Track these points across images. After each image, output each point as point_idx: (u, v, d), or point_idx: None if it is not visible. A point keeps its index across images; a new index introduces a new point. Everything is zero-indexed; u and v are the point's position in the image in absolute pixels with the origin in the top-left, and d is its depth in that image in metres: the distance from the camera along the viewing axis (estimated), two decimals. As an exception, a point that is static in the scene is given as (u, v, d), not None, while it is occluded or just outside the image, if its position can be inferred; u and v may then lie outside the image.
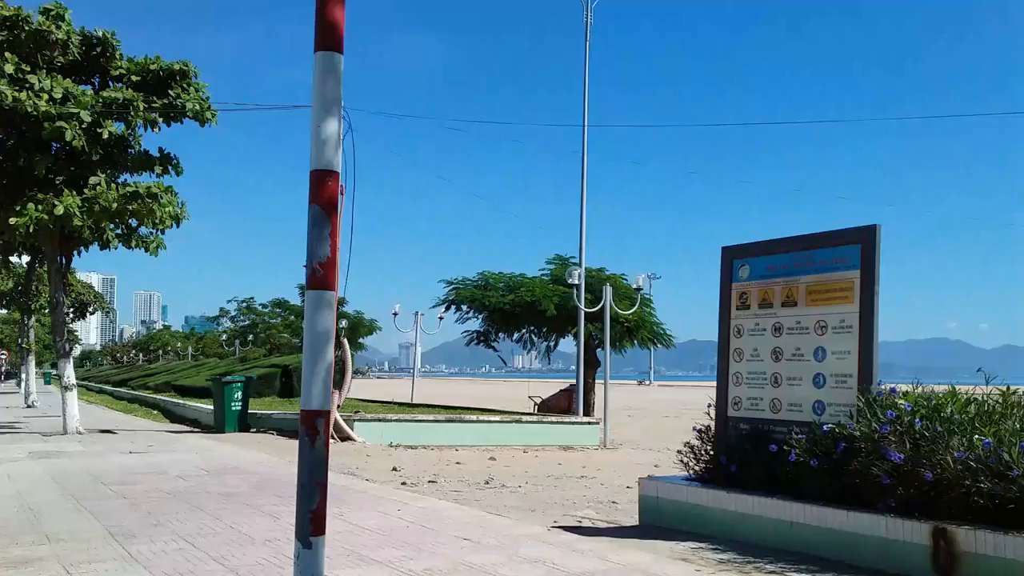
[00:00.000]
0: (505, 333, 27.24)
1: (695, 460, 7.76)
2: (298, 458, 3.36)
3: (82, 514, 7.98)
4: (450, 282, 27.03)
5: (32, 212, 15.30)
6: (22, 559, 6.08)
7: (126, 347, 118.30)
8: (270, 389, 31.85)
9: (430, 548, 6.54)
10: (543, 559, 6.13)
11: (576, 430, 19.95)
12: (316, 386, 3.29)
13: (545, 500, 10.16)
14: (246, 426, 19.59)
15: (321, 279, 3.28)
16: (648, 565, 5.98)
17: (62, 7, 16.26)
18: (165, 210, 16.51)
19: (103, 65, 17.02)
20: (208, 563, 5.99)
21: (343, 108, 3.51)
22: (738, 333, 7.67)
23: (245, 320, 68.96)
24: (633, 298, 23.00)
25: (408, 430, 18.06)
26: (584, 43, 23.70)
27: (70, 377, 17.92)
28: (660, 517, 7.62)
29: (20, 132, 15.90)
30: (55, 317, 18.23)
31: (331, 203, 3.28)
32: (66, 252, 17.99)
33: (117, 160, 16.99)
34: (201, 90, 17.33)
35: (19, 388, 40.48)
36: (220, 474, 11.12)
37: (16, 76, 15.12)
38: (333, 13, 3.26)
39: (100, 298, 46.54)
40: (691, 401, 47.93)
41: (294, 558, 3.32)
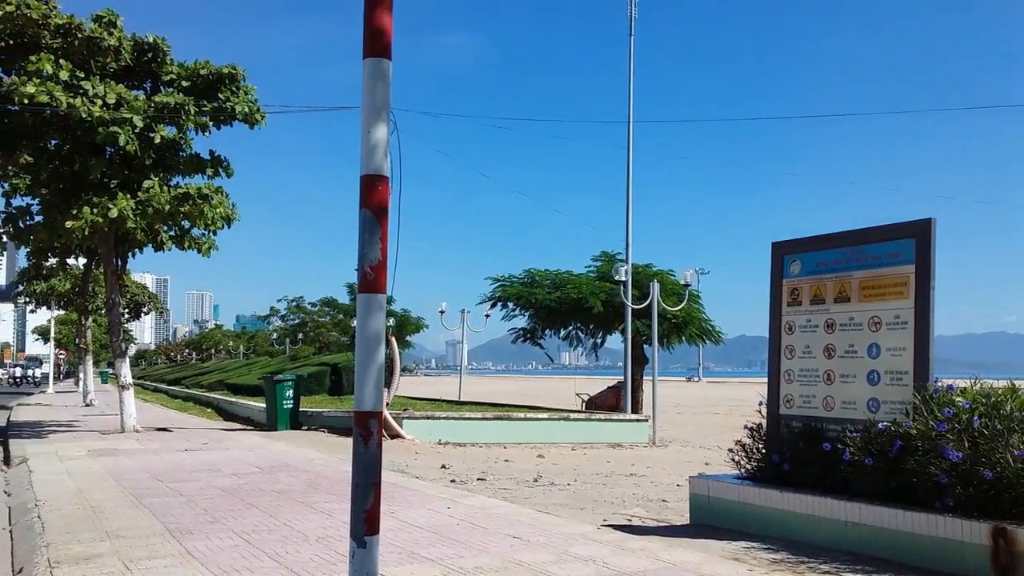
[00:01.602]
0: (551, 330, 27.25)
1: (746, 458, 7.68)
2: (352, 458, 3.40)
3: (140, 511, 8.16)
4: (496, 279, 27.13)
5: (88, 215, 15.64)
6: (83, 555, 6.24)
7: (179, 346, 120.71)
8: (320, 387, 32.27)
9: (480, 546, 6.57)
10: (593, 557, 6.12)
11: (624, 427, 19.87)
12: (368, 387, 3.33)
13: (594, 498, 10.14)
14: (297, 424, 19.86)
15: (372, 282, 3.31)
16: (699, 564, 5.93)
17: (114, 14, 16.57)
18: (216, 211, 16.75)
19: (154, 70, 17.33)
20: (263, 560, 6.09)
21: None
22: (789, 330, 7.57)
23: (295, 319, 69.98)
24: (681, 294, 22.84)
25: (456, 428, 18.16)
26: (629, 37, 23.54)
27: (127, 376, 18.30)
28: (711, 516, 7.56)
29: (75, 137, 16.26)
30: (111, 317, 18.61)
31: (381, 207, 3.31)
32: (121, 254, 18.37)
33: (169, 163, 17.29)
34: (249, 93, 17.54)
35: (77, 387, 41.47)
36: (273, 472, 11.28)
37: (71, 83, 15.44)
38: (381, 20, 3.29)
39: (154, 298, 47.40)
40: (741, 398, 47.52)
41: (349, 556, 3.36)
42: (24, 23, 15.19)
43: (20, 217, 17.52)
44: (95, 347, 37.67)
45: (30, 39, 15.44)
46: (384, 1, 3.27)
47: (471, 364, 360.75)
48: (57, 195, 16.60)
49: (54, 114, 15.30)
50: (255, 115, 17.45)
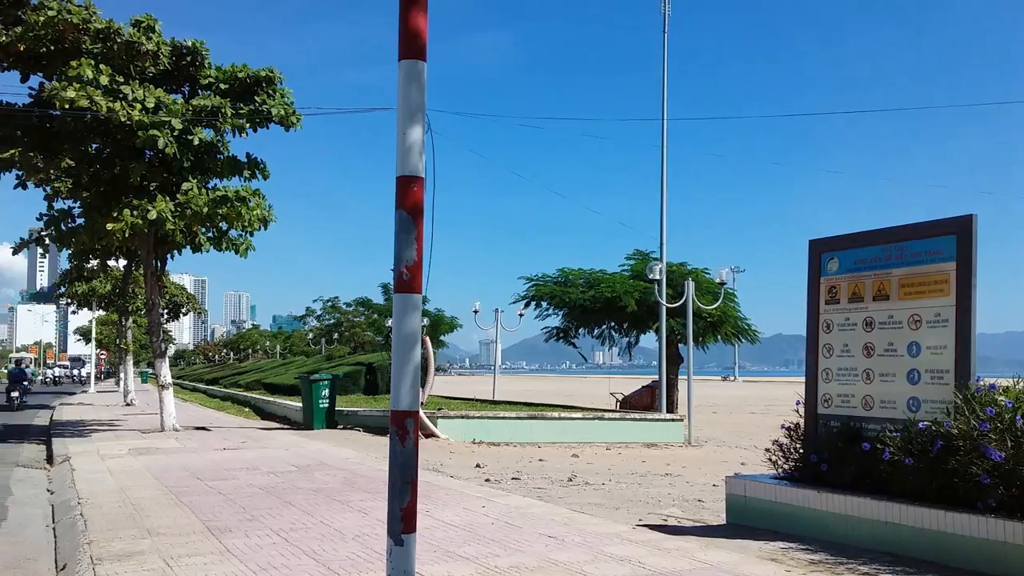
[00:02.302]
0: (585, 329, 27.17)
1: (784, 458, 7.61)
2: (389, 457, 3.42)
3: (180, 509, 8.28)
4: (530, 279, 27.10)
5: (128, 217, 15.89)
6: (125, 553, 6.35)
7: (217, 346, 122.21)
8: (355, 386, 32.48)
9: (515, 545, 6.58)
10: (629, 557, 6.10)
11: (659, 427, 19.77)
12: (405, 387, 3.35)
13: (629, 498, 10.11)
14: (333, 423, 20.01)
15: (408, 283, 3.33)
16: (736, 565, 5.89)
17: (152, 19, 16.81)
18: (253, 213, 16.94)
19: (192, 74, 17.56)
20: (301, 557, 6.15)
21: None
22: (827, 328, 7.49)
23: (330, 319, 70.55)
24: (716, 292, 22.67)
25: (490, 427, 18.19)
26: (663, 34, 23.42)
27: (166, 376, 18.57)
28: (748, 516, 7.50)
29: (115, 141, 16.53)
30: (151, 318, 18.89)
31: (417, 208, 3.33)
32: (160, 255, 18.64)
33: (207, 165, 17.50)
34: (286, 95, 17.72)
35: (118, 387, 42.15)
36: (310, 470, 11.38)
37: (110, 87, 15.69)
38: (416, 22, 3.31)
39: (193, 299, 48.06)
40: (777, 397, 47.06)
41: (386, 555, 3.39)
42: (64, 28, 15.48)
43: (62, 220, 17.83)
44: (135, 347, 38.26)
45: (71, 44, 15.72)
46: (419, 3, 3.29)
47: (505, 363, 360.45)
48: (98, 198, 16.88)
49: (94, 118, 15.56)
50: (291, 117, 17.63)
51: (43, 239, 18.46)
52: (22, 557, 6.90)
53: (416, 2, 3.30)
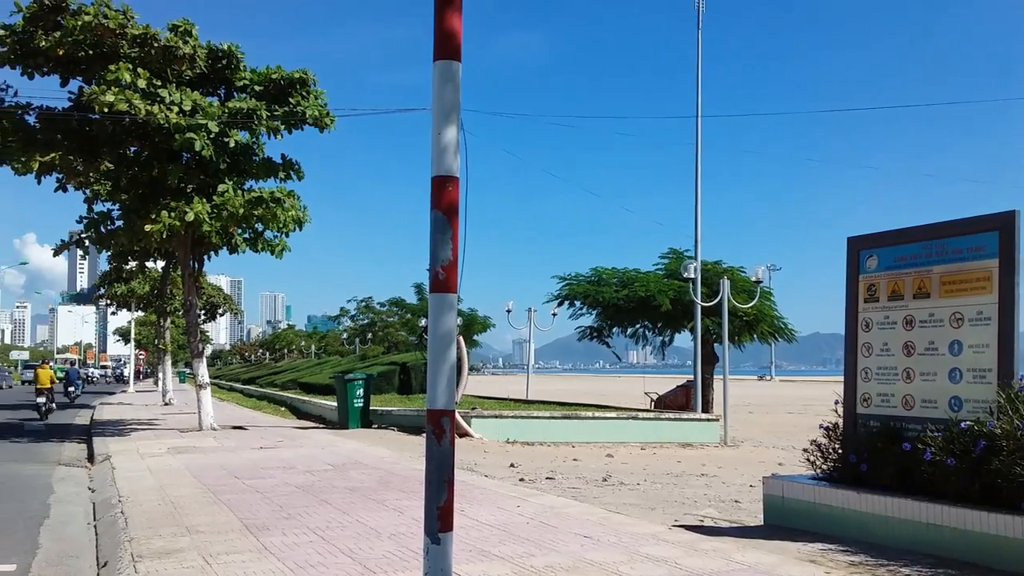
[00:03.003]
0: (619, 328, 27.05)
1: (822, 459, 7.52)
2: (426, 456, 3.42)
3: (219, 507, 8.37)
4: (563, 278, 27.03)
5: (165, 219, 16.10)
6: (164, 550, 6.43)
7: (253, 346, 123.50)
8: (389, 386, 32.66)
9: (550, 544, 6.56)
10: (665, 558, 6.06)
11: (695, 427, 19.64)
12: (441, 385, 3.35)
13: (665, 498, 10.05)
14: (368, 422, 20.13)
15: (444, 282, 3.33)
16: (774, 566, 5.83)
17: (189, 23, 17.01)
18: (288, 214, 17.08)
19: (228, 77, 17.74)
20: (337, 556, 6.19)
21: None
22: (866, 327, 7.38)
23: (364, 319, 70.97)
24: (752, 291, 22.46)
25: (524, 426, 18.18)
26: (696, 31, 23.26)
27: (204, 376, 18.78)
28: (785, 517, 7.42)
29: (153, 144, 16.75)
30: (189, 319, 19.12)
31: (452, 208, 3.33)
32: (197, 256, 18.87)
33: (243, 167, 17.68)
34: (319, 97, 17.83)
35: (156, 387, 42.77)
36: (345, 469, 11.46)
37: (148, 91, 15.90)
38: (451, 23, 3.31)
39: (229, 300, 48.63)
40: (815, 397, 46.53)
41: (423, 553, 3.39)
42: (102, 33, 15.72)
43: (102, 222, 18.13)
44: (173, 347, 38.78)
45: (109, 49, 15.97)
46: (454, 3, 3.29)
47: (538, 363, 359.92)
48: (136, 200, 17.12)
49: (133, 121, 15.78)
50: (325, 119, 17.75)
51: (83, 241, 18.79)
52: (65, 554, 7.02)
53: (451, 3, 3.30)
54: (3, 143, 16.00)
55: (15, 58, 16.32)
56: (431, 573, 3.36)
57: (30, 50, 16.14)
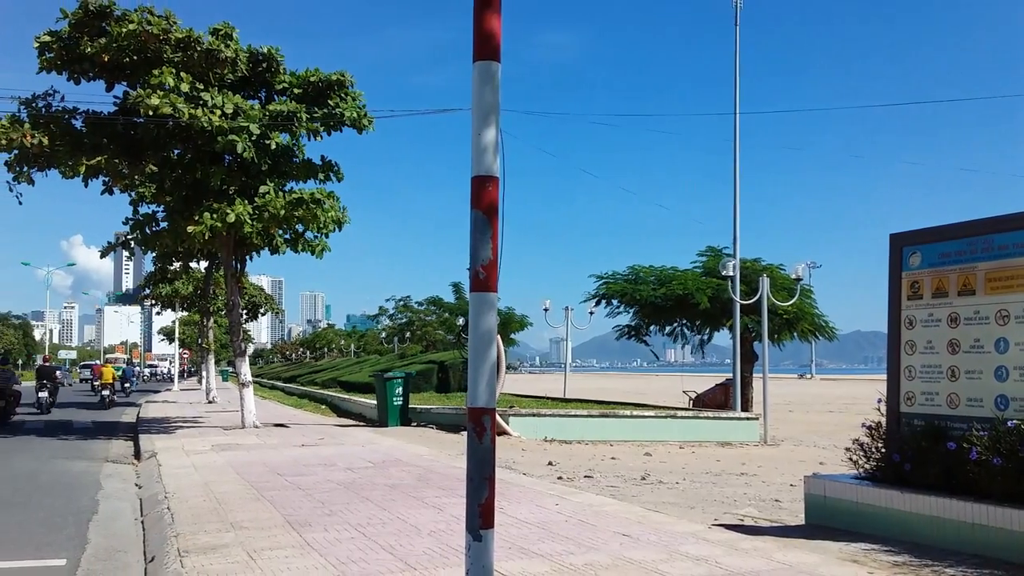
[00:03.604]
0: (657, 327, 26.92)
1: (865, 458, 7.43)
2: (467, 453, 3.46)
3: (262, 503, 8.50)
4: (600, 276, 26.96)
5: (208, 220, 16.35)
6: (210, 545, 6.55)
7: (294, 345, 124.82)
8: (428, 384, 32.83)
9: (589, 543, 6.57)
10: (705, 557, 6.05)
11: (734, 426, 19.50)
12: (481, 384, 3.38)
13: (704, 497, 10.00)
14: (407, 420, 20.26)
15: (484, 281, 3.36)
16: (816, 566, 5.78)
17: (230, 27, 17.27)
18: (328, 215, 17.25)
19: (268, 79, 17.98)
20: (378, 552, 6.26)
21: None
22: (910, 324, 7.29)
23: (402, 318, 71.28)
24: (792, 289, 22.24)
25: (562, 425, 18.18)
26: (734, 27, 23.05)
27: (246, 374, 19.03)
28: (827, 517, 7.35)
29: (196, 146, 17.03)
30: (231, 318, 19.39)
31: (492, 207, 3.35)
32: (239, 257, 19.14)
33: (283, 169, 17.91)
34: (357, 98, 18.00)
35: (200, 385, 43.42)
36: (385, 466, 11.56)
37: (191, 94, 16.17)
38: (490, 23, 3.33)
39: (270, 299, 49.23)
40: (856, 396, 45.90)
41: (465, 550, 3.43)
42: (146, 38, 16.01)
43: (147, 223, 18.47)
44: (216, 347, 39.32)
45: (152, 54, 16.26)
46: (493, 4, 3.32)
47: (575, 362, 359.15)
48: (180, 202, 17.41)
49: (176, 124, 16.06)
50: (363, 120, 17.91)
51: (128, 242, 19.19)
52: (113, 549, 7.18)
53: (490, 4, 3.32)
54: (51, 147, 16.35)
55: (62, 64, 16.70)
56: (473, 569, 3.40)
57: (76, 56, 16.50)
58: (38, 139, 16.08)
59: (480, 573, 3.40)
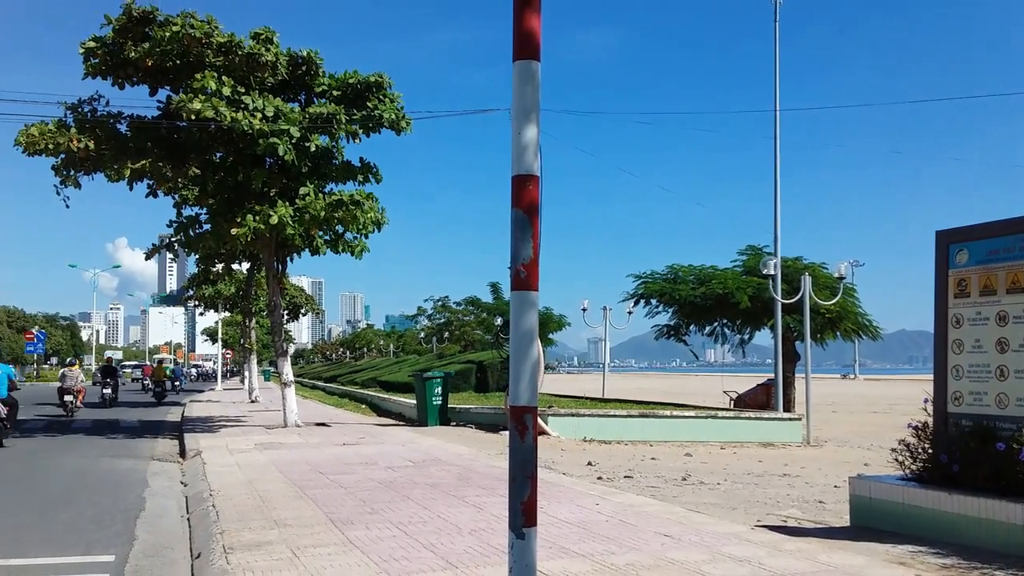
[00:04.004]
0: (696, 326, 26.68)
1: (911, 458, 7.31)
2: (509, 452, 3.46)
3: (304, 501, 8.59)
4: (638, 276, 26.78)
5: (250, 223, 16.55)
6: (254, 542, 6.63)
7: (334, 345, 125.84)
8: (466, 384, 32.93)
9: (630, 543, 6.55)
10: (748, 558, 5.99)
11: (776, 426, 19.29)
12: (523, 382, 3.39)
13: (746, 498, 9.90)
14: (446, 420, 20.34)
15: (525, 280, 3.37)
16: (862, 568, 5.70)
17: (270, 31, 17.45)
18: (367, 216, 17.37)
19: (308, 83, 18.15)
20: (420, 550, 6.29)
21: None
22: (957, 323, 7.15)
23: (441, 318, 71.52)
24: (834, 287, 21.90)
25: (601, 425, 18.12)
26: (774, 23, 22.79)
27: (288, 374, 19.23)
28: (872, 518, 7.24)
29: (238, 149, 17.24)
30: (273, 319, 19.61)
31: (532, 207, 3.36)
32: (281, 258, 19.36)
33: (323, 171, 18.06)
34: (396, 100, 18.09)
35: (243, 385, 43.97)
36: (425, 466, 11.61)
37: (233, 98, 16.37)
38: (530, 23, 3.33)
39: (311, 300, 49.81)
40: (901, 396, 45.16)
41: (508, 548, 3.43)
42: (189, 43, 16.24)
43: (190, 226, 18.75)
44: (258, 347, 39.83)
45: (195, 58, 16.49)
46: (533, 3, 3.32)
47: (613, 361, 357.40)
48: (222, 204, 17.65)
49: (218, 128, 16.28)
50: (401, 122, 18.01)
51: (172, 244, 19.45)
52: (160, 545, 7.30)
53: (530, 3, 3.32)
54: (97, 151, 16.66)
55: (106, 69, 17.01)
56: (516, 567, 3.40)
57: (120, 61, 16.80)
58: (84, 143, 16.39)
59: (523, 571, 3.40)
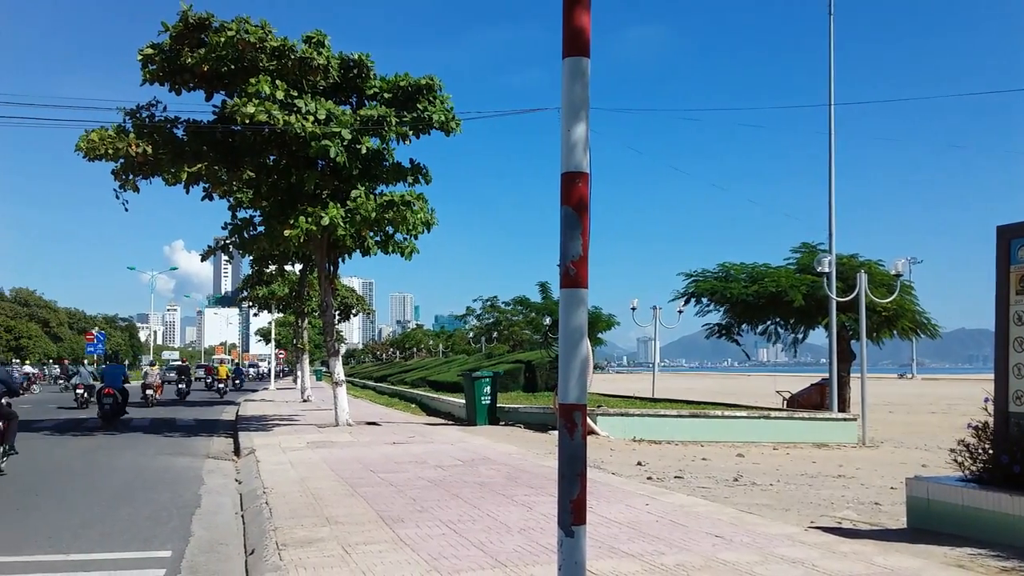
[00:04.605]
0: (748, 325, 26.36)
1: (971, 459, 7.14)
2: (558, 450, 3.46)
3: (356, 499, 8.68)
4: (689, 274, 26.56)
5: (303, 224, 16.79)
6: (307, 539, 6.73)
7: (384, 345, 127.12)
8: (515, 384, 32.99)
9: (681, 543, 6.50)
10: (801, 560, 5.90)
11: (831, 427, 18.97)
12: (572, 380, 3.39)
13: (800, 499, 9.76)
14: (495, 419, 20.39)
15: (574, 278, 3.36)
16: (919, 571, 5.58)
17: (322, 34, 17.67)
18: (417, 216, 17.52)
19: (359, 85, 18.35)
20: (469, 548, 6.32)
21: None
22: (1019, 320, 6.96)
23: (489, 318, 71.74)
24: (891, 285, 21.47)
25: (651, 425, 18.00)
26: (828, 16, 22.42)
27: (340, 374, 19.44)
28: (930, 520, 7.09)
29: (291, 152, 17.52)
30: (325, 319, 19.85)
31: (582, 204, 3.35)
32: (332, 259, 19.60)
33: (374, 173, 18.26)
34: (445, 101, 18.20)
35: (295, 384, 44.62)
36: (474, 465, 11.66)
37: (286, 101, 16.63)
38: (580, 19, 3.33)
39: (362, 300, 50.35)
40: (960, 396, 44.06)
41: (557, 546, 3.44)
42: (243, 47, 16.54)
43: (244, 228, 19.10)
44: (310, 347, 40.39)
45: (249, 63, 16.78)
46: (582, 0, 3.31)
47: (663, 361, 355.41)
48: (276, 206, 17.93)
49: (272, 131, 16.55)
50: (451, 123, 18.12)
51: (227, 246, 19.85)
52: (215, 541, 7.44)
53: (579, 0, 3.32)
54: (155, 156, 17.05)
55: (164, 75, 17.40)
56: (566, 565, 3.40)
57: (177, 67, 17.17)
58: (142, 148, 16.78)
59: (573, 569, 3.40)
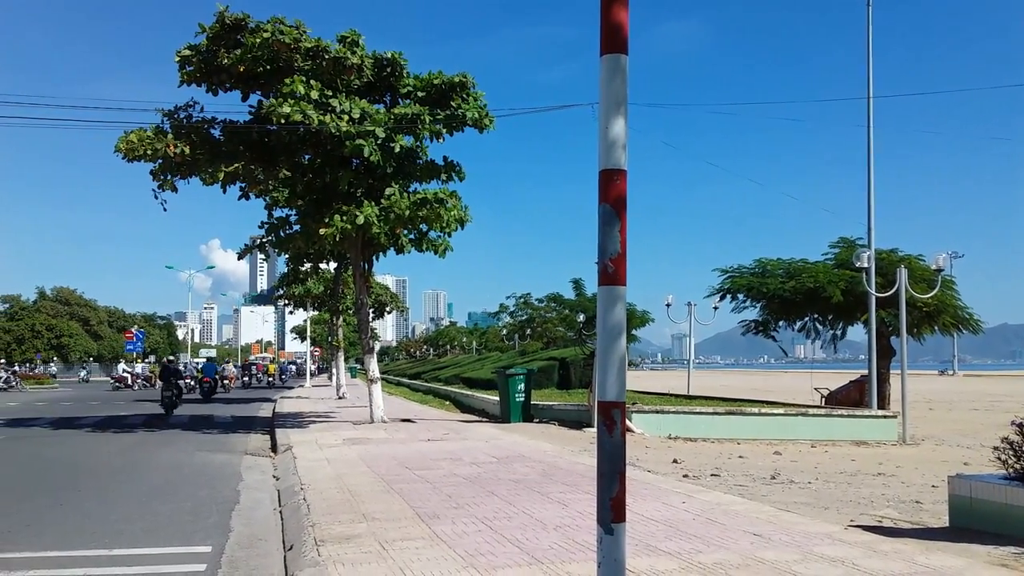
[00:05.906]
0: (785, 322, 26.07)
1: (1015, 457, 7.00)
2: (597, 447, 3.45)
3: (392, 496, 8.73)
4: (725, 270, 26.34)
5: (338, 223, 16.91)
6: (344, 535, 6.78)
7: (418, 343, 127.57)
8: (549, 381, 32.98)
9: (718, 542, 6.45)
10: (841, 558, 5.84)
11: (870, 424, 18.73)
12: (611, 377, 3.37)
13: (839, 498, 9.65)
14: (529, 416, 20.38)
15: (612, 275, 3.35)
16: (962, 571, 5.49)
17: (356, 34, 17.74)
18: (451, 214, 17.54)
19: (393, 84, 18.41)
20: (505, 545, 6.33)
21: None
22: (1064, 317, 6.82)
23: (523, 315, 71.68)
24: (932, 280, 21.12)
25: (686, 422, 17.90)
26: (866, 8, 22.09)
27: (375, 371, 19.57)
28: (972, 519, 6.97)
29: (326, 151, 17.64)
30: (360, 316, 19.98)
31: (620, 201, 3.33)
32: (367, 257, 19.71)
33: (408, 171, 18.32)
34: (479, 99, 18.20)
35: (330, 381, 44.98)
36: (509, 462, 11.67)
37: (320, 101, 16.73)
38: (617, 16, 3.31)
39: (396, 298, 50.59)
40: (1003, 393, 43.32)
41: (596, 543, 3.43)
42: (279, 48, 16.67)
43: (280, 227, 19.27)
44: (345, 344, 40.70)
45: (284, 63, 16.93)
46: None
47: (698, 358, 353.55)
48: (311, 205, 18.08)
49: (307, 131, 16.68)
50: (484, 120, 18.12)
51: (264, 245, 20.05)
52: (254, 537, 7.53)
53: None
54: (192, 156, 17.26)
55: (201, 76, 17.61)
56: (605, 563, 3.40)
57: (214, 68, 17.36)
58: (180, 148, 17.00)
59: (612, 567, 3.39)
